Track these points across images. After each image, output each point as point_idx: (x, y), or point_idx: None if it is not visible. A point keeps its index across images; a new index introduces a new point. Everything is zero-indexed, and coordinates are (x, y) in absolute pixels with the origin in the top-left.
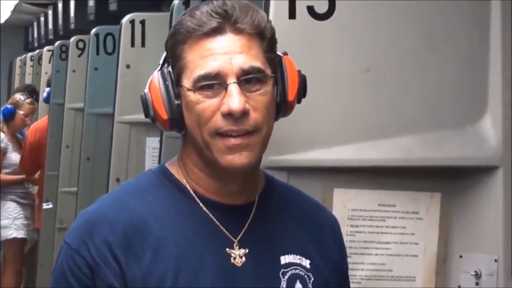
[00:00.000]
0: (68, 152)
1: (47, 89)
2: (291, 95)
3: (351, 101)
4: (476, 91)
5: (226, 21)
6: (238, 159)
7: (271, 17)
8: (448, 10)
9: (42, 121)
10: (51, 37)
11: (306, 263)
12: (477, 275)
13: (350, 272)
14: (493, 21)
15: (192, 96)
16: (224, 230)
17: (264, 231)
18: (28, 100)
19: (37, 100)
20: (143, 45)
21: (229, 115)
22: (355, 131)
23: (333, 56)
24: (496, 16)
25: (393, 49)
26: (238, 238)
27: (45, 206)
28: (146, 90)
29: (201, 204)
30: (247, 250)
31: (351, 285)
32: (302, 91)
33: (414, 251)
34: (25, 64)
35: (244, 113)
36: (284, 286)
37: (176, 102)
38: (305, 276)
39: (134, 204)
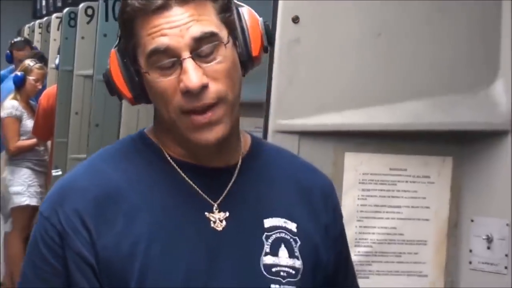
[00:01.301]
0: (77, 118)
1: (59, 56)
2: (255, 49)
3: (362, 66)
4: (488, 56)
5: None
6: (209, 135)
7: None
8: None
9: (54, 87)
10: (59, 4)
11: (293, 226)
12: (489, 239)
13: (361, 236)
14: None
15: (148, 76)
16: (203, 193)
17: (247, 194)
18: (37, 65)
19: (45, 66)
20: None
21: (187, 92)
22: (366, 95)
23: (344, 21)
24: None
25: (405, 14)
26: (218, 201)
27: (54, 172)
28: (108, 69)
29: (178, 169)
30: (227, 214)
31: (362, 248)
32: (266, 42)
33: (426, 215)
34: (33, 31)
35: (203, 88)
36: (268, 250)
37: (137, 79)
38: (291, 240)
39: (109, 170)
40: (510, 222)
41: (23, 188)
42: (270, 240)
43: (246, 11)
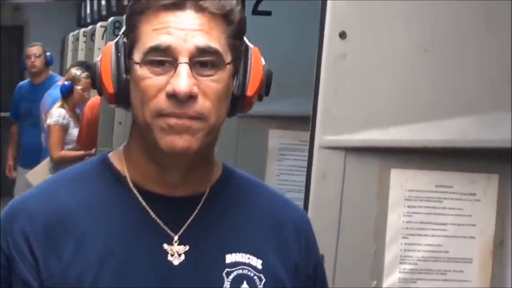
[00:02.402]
0: (121, 128)
1: None
2: (251, 90)
3: (409, 81)
4: None
5: None
6: (178, 141)
7: None
8: None
9: (98, 98)
10: (104, 13)
11: (258, 263)
12: None
13: (406, 253)
14: None
15: (139, 70)
16: (163, 224)
17: (210, 227)
18: (84, 74)
19: None
20: None
21: (173, 97)
22: (412, 112)
23: (391, 36)
24: None
25: (451, 29)
26: (179, 233)
27: None
28: (98, 59)
29: (138, 196)
30: (187, 247)
31: (408, 265)
32: (264, 88)
33: (471, 233)
34: (77, 39)
35: (191, 97)
36: (228, 286)
37: (125, 76)
38: (255, 277)
39: (63, 193)
40: None
41: None
42: (231, 277)
43: (254, 51)
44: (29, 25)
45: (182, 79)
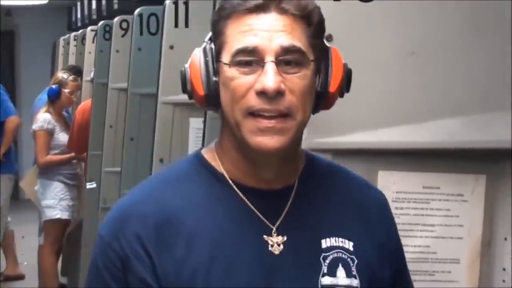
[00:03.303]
0: (112, 132)
1: (94, 69)
2: (333, 86)
3: (396, 84)
4: None
5: (272, 0)
6: (269, 142)
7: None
8: None
9: (89, 101)
10: (94, 17)
11: (350, 245)
12: None
13: None
14: None
15: (229, 71)
16: (262, 217)
17: (304, 216)
18: (71, 77)
19: (81, 80)
20: (186, 25)
21: (262, 94)
22: (399, 114)
23: (378, 38)
24: None
25: (439, 32)
26: (277, 224)
27: (88, 185)
28: (187, 65)
29: (238, 191)
30: (285, 237)
31: None
32: (345, 85)
33: (459, 234)
34: (68, 44)
35: (279, 93)
36: (325, 271)
37: (214, 78)
38: (348, 259)
39: (168, 195)
40: None
41: (55, 201)
42: (327, 261)
43: (334, 50)
44: (20, 29)
45: (270, 77)
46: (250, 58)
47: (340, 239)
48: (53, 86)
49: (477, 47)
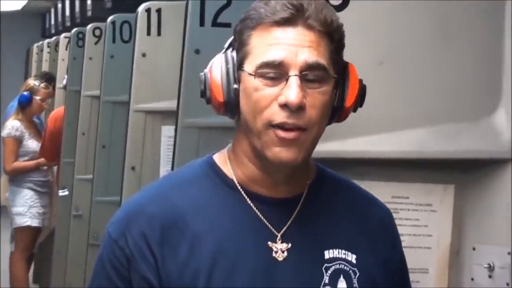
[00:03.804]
0: (84, 139)
1: (67, 76)
2: (349, 101)
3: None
4: (490, 85)
5: (299, 14)
6: (285, 153)
7: None
8: (463, 3)
9: (61, 109)
10: (68, 24)
11: (352, 258)
12: (490, 268)
13: None
14: (507, 14)
15: (252, 81)
16: (268, 224)
17: (310, 225)
18: (42, 85)
19: (53, 87)
20: (159, 33)
21: (285, 107)
22: (368, 124)
23: (348, 47)
24: (511, 9)
25: (408, 41)
26: (282, 232)
27: (61, 193)
28: (207, 70)
29: (246, 197)
30: (289, 245)
31: None
32: (360, 100)
33: (428, 243)
34: (42, 50)
35: (300, 108)
36: (327, 281)
37: (235, 86)
38: (350, 271)
39: (175, 197)
40: (511, 251)
41: (25, 209)
42: (329, 272)
43: (351, 66)
44: None
45: (293, 90)
46: (275, 71)
47: (343, 251)
48: (25, 93)
49: (446, 57)
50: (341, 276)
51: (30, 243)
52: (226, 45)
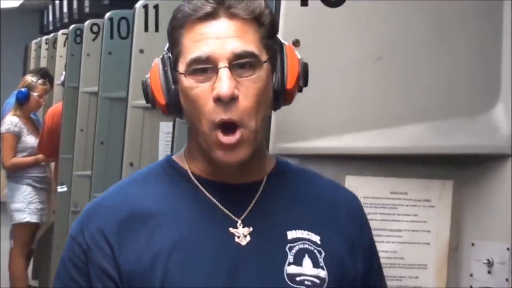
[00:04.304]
0: (83, 135)
1: (64, 73)
2: (290, 83)
3: (363, 89)
4: (488, 80)
5: (220, 6)
6: (230, 156)
7: (283, 4)
8: None
9: (59, 105)
10: (66, 20)
11: (316, 238)
12: (489, 263)
13: None
14: (505, 9)
15: (186, 81)
16: (226, 210)
17: (270, 209)
18: (40, 81)
19: (50, 83)
20: (156, 30)
21: (219, 101)
22: (366, 119)
23: (345, 44)
24: (509, 4)
25: (405, 37)
26: (242, 217)
27: (59, 189)
28: (148, 76)
29: (201, 187)
30: (251, 229)
31: None
32: (303, 80)
33: (426, 239)
34: (40, 47)
35: (233, 99)
36: (291, 260)
37: (174, 87)
38: (315, 251)
39: (134, 191)
40: (510, 246)
41: (23, 205)
42: (293, 251)
43: (288, 47)
44: None
45: (224, 82)
46: (205, 66)
47: (307, 232)
48: (22, 89)
49: (442, 53)
50: (306, 255)
51: (29, 239)
52: (165, 47)
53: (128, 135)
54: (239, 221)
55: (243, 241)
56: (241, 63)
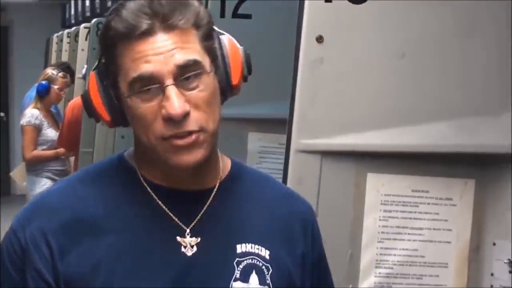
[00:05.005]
0: (103, 129)
1: (86, 66)
2: (235, 78)
3: (386, 86)
4: None
5: (155, 21)
6: (186, 158)
7: (307, 1)
8: None
9: (80, 98)
10: (88, 14)
11: (266, 253)
12: (511, 263)
13: (382, 258)
14: None
15: (129, 101)
16: (175, 218)
17: (220, 219)
18: (60, 74)
19: (72, 76)
20: None
21: (170, 120)
22: (389, 116)
23: (368, 40)
24: None
25: (429, 35)
26: (191, 226)
27: None
28: (86, 89)
29: (151, 192)
30: (199, 239)
31: (383, 270)
32: (246, 71)
33: (447, 238)
34: (62, 40)
35: (185, 115)
36: (238, 276)
37: (116, 103)
38: (263, 267)
39: (82, 192)
40: None
41: None
42: (241, 266)
43: (227, 40)
44: (14, 26)
45: (174, 102)
46: (149, 85)
47: (256, 246)
48: (43, 82)
49: (467, 50)
50: (253, 272)
51: None
52: (98, 59)
53: None
54: (188, 230)
55: (189, 252)
56: (186, 78)
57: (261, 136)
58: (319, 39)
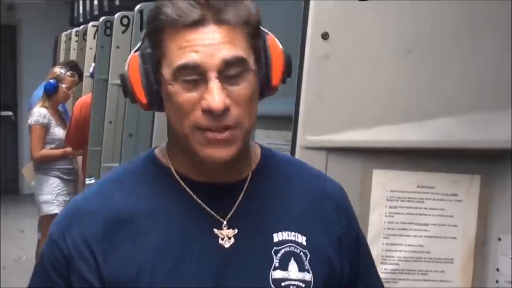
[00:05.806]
0: (111, 128)
1: (94, 65)
2: (275, 79)
3: (392, 82)
4: None
5: (208, 12)
6: (218, 153)
7: None
8: None
9: (87, 97)
10: (96, 12)
11: (302, 239)
12: None
13: (387, 253)
14: None
15: (171, 88)
16: (211, 211)
17: (256, 209)
18: (68, 73)
19: (80, 75)
20: None
21: (208, 112)
22: (395, 112)
23: (374, 36)
24: None
25: (435, 31)
26: (227, 218)
27: (87, 181)
28: (126, 69)
29: (185, 187)
30: (236, 230)
31: (389, 266)
32: (287, 73)
33: (453, 233)
34: (70, 39)
35: (225, 110)
36: (277, 264)
37: (156, 87)
38: (301, 253)
39: (117, 193)
40: None
41: (52, 197)
42: (279, 255)
43: (271, 40)
44: (23, 24)
45: (216, 95)
46: (194, 77)
47: (293, 233)
48: (51, 81)
49: (473, 45)
50: (292, 259)
51: None
52: (141, 41)
53: (156, 128)
54: (224, 222)
55: (227, 244)
56: (231, 73)
57: (268, 133)
58: (325, 36)
